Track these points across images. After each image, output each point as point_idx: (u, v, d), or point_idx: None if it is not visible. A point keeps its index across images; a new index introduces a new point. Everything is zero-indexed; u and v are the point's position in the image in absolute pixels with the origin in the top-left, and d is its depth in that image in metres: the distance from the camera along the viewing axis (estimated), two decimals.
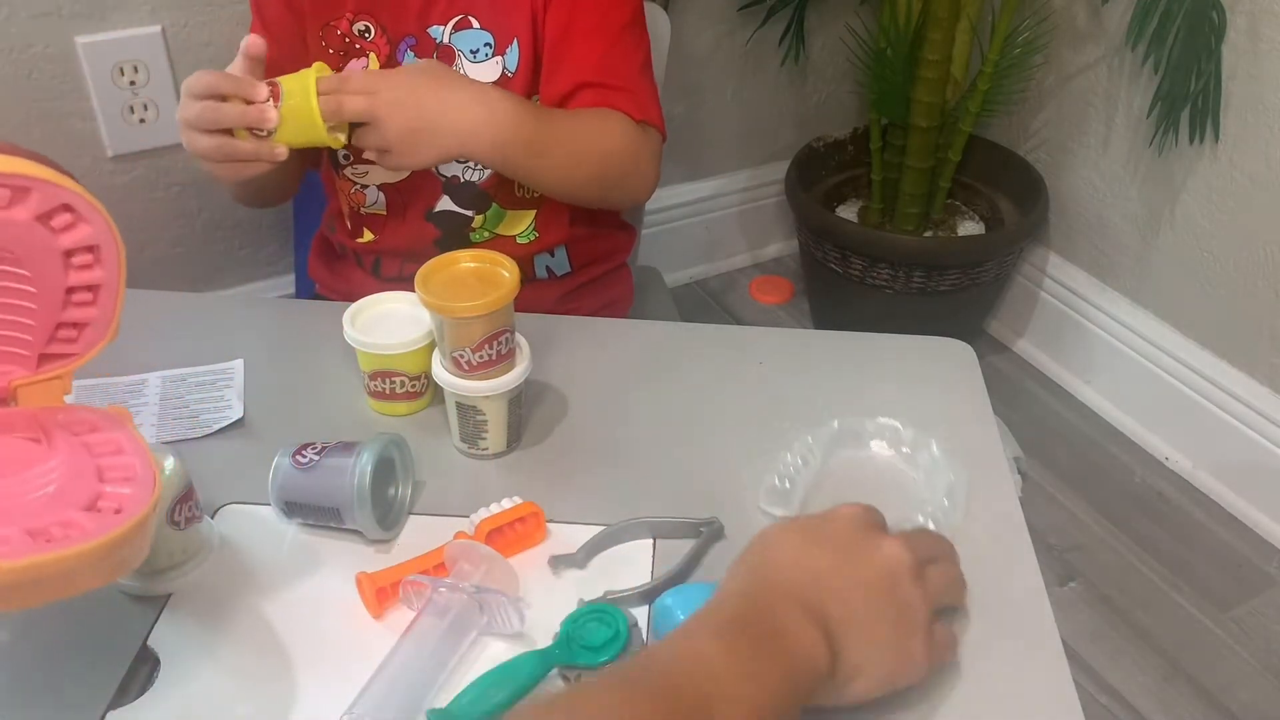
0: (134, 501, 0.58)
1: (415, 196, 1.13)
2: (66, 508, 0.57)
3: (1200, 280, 1.78)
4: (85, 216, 0.61)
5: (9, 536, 0.53)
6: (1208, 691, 1.52)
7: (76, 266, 0.62)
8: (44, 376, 0.65)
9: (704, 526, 0.80)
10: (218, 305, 1.11)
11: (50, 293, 0.62)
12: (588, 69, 1.07)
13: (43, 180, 0.59)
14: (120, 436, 0.63)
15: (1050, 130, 1.99)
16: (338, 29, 1.10)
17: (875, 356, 1.00)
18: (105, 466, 0.61)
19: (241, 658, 0.72)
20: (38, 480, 0.59)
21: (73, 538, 0.55)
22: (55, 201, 0.60)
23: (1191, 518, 1.79)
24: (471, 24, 1.09)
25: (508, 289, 0.82)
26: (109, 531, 0.56)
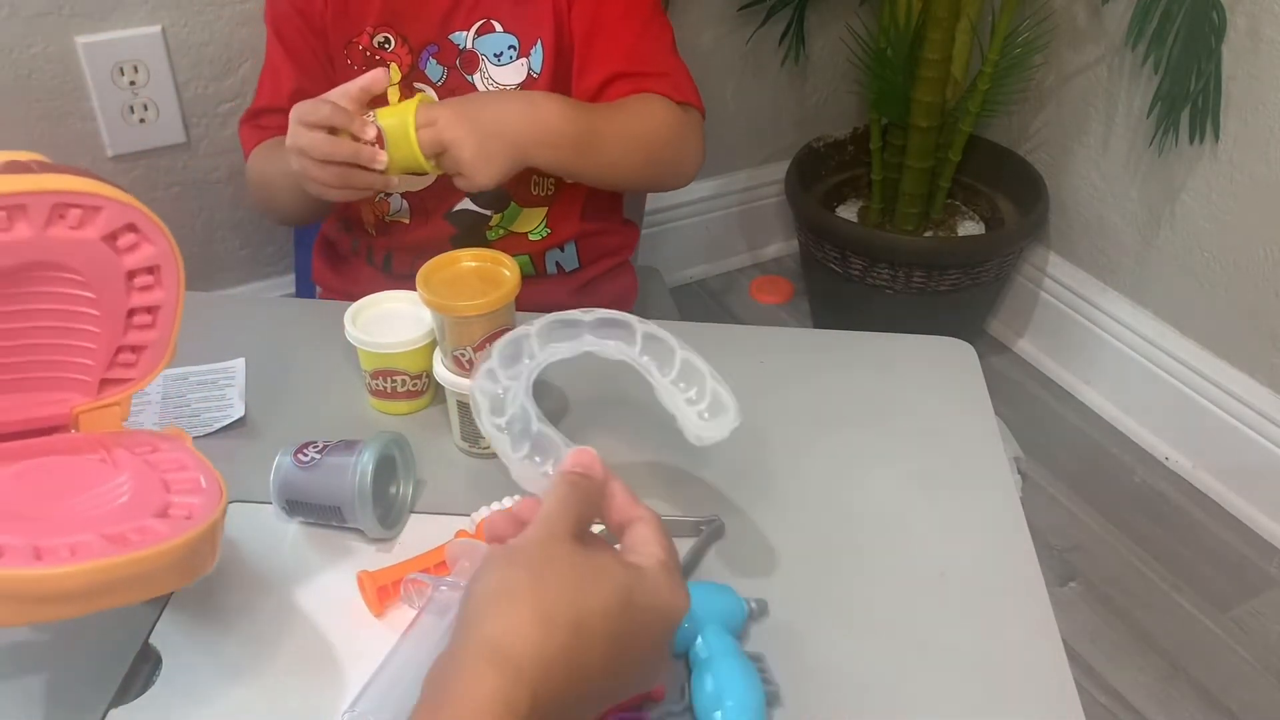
0: (204, 508, 0.60)
1: (438, 200, 1.14)
2: (140, 515, 0.58)
3: (1200, 280, 1.78)
4: (149, 237, 0.62)
5: (88, 542, 0.54)
6: (1208, 691, 1.52)
7: (138, 288, 0.63)
8: (104, 402, 0.66)
9: (704, 525, 0.80)
10: (218, 305, 1.11)
11: (113, 315, 0.63)
12: (620, 59, 1.09)
13: (111, 199, 0.60)
14: (181, 454, 0.64)
15: (1050, 130, 1.99)
16: (359, 44, 1.11)
17: (875, 356, 1.00)
18: (171, 480, 0.62)
19: (242, 656, 0.72)
20: (110, 494, 0.60)
21: (148, 541, 0.56)
22: (122, 221, 0.61)
23: (1191, 518, 1.79)
24: (495, 28, 1.10)
25: (509, 288, 0.82)
26: (183, 534, 0.57)
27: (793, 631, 0.74)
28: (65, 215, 0.58)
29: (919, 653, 0.73)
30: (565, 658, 0.52)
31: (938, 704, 0.70)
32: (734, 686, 0.67)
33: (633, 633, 0.56)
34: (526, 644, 0.52)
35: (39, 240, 0.58)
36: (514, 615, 0.53)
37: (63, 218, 0.58)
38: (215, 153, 1.64)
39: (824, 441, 0.91)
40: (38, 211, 0.57)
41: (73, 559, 0.53)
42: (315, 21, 1.12)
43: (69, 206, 0.58)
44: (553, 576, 0.55)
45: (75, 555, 0.54)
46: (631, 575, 0.57)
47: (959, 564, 0.79)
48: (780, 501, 0.84)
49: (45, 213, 0.57)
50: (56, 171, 0.58)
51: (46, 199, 0.57)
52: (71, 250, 0.59)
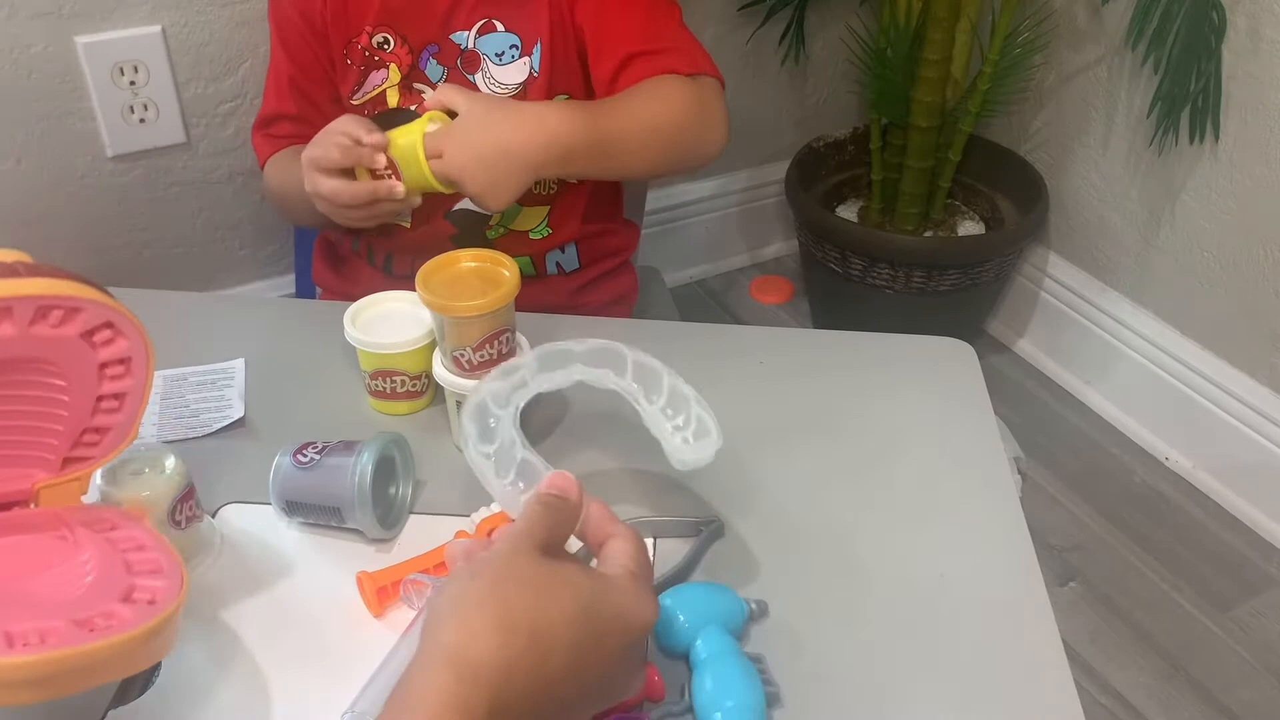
0: (166, 593, 0.62)
1: (437, 200, 1.14)
2: (106, 599, 0.60)
3: (1200, 280, 1.78)
4: (124, 332, 0.65)
5: (58, 628, 0.56)
6: (1208, 691, 1.52)
7: (109, 377, 0.66)
8: (66, 478, 0.67)
9: (704, 526, 0.80)
10: (218, 305, 1.11)
11: (82, 401, 0.65)
12: (633, 40, 1.08)
13: (92, 300, 0.62)
14: (139, 533, 0.66)
15: (1050, 130, 1.99)
16: (359, 43, 1.11)
17: (875, 356, 1.00)
18: (132, 561, 0.64)
19: (242, 657, 0.72)
20: (74, 573, 0.62)
21: (114, 627, 0.58)
22: (100, 319, 0.63)
23: (1191, 518, 1.79)
24: (496, 27, 1.10)
25: (508, 288, 0.82)
26: (148, 621, 0.59)
27: (793, 632, 0.74)
28: (47, 315, 0.61)
29: (919, 653, 0.73)
30: (525, 663, 0.52)
31: (938, 704, 0.70)
32: (734, 687, 0.67)
33: (596, 641, 0.55)
34: (484, 649, 0.52)
35: (22, 337, 0.61)
36: (473, 621, 0.53)
37: (45, 318, 0.61)
38: (215, 153, 1.64)
39: (824, 442, 0.90)
40: (22, 313, 0.60)
41: (43, 646, 0.55)
42: (317, 24, 1.12)
43: (52, 308, 0.61)
44: (513, 585, 0.55)
45: (45, 642, 0.55)
46: (596, 584, 0.57)
47: (959, 564, 0.79)
48: (780, 502, 0.84)
49: (29, 314, 0.60)
50: (41, 275, 0.61)
51: (31, 302, 0.60)
52: (50, 346, 0.62)
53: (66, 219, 1.59)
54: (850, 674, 0.72)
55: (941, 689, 0.71)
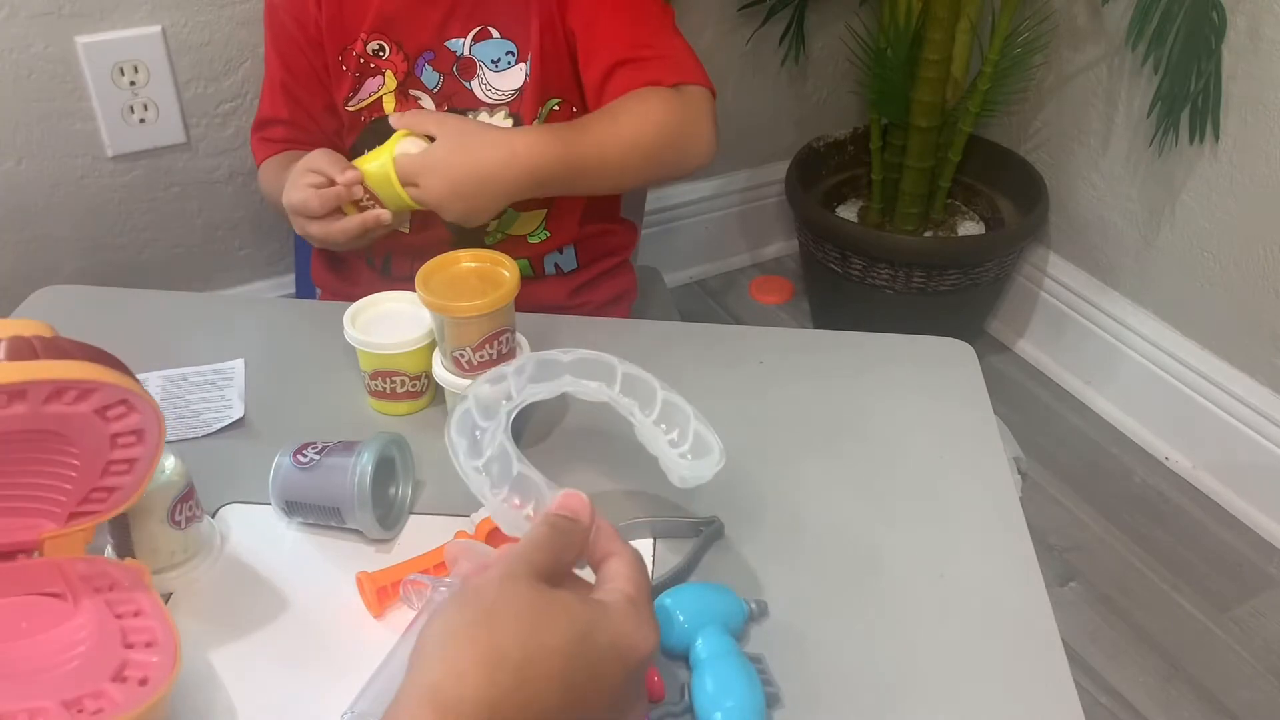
0: (159, 670, 0.62)
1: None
2: (97, 677, 0.60)
3: (1200, 280, 1.78)
4: (136, 407, 0.66)
5: (47, 709, 0.56)
6: (1208, 691, 1.52)
7: (121, 445, 0.66)
8: (71, 530, 0.68)
9: (704, 526, 0.80)
10: (218, 305, 1.11)
11: (92, 465, 0.66)
12: (620, 47, 1.07)
13: (108, 383, 0.63)
14: (139, 596, 0.67)
15: (1050, 130, 1.99)
16: (354, 50, 1.11)
17: (875, 356, 1.00)
18: (128, 628, 0.64)
19: (241, 657, 0.72)
20: (67, 640, 0.63)
21: (105, 710, 0.58)
22: (114, 398, 0.64)
23: (1191, 518, 1.79)
24: (492, 34, 1.09)
25: (508, 289, 0.82)
26: (137, 707, 0.59)
27: (793, 632, 0.74)
28: (62, 395, 0.62)
29: (919, 653, 0.73)
30: (513, 701, 0.50)
31: (938, 704, 0.70)
32: (734, 687, 0.67)
33: (591, 674, 0.53)
34: (469, 687, 0.49)
35: (35, 414, 0.61)
36: (459, 658, 0.50)
37: (59, 397, 0.62)
38: (215, 153, 1.64)
39: (823, 442, 0.90)
40: (36, 394, 0.60)
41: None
42: (311, 31, 1.12)
43: (67, 389, 0.62)
44: (504, 617, 0.52)
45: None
46: (593, 612, 0.54)
47: (959, 564, 0.79)
48: (780, 502, 0.84)
49: (44, 395, 0.61)
50: (57, 355, 0.61)
51: (46, 386, 0.61)
52: (64, 421, 0.63)
53: (66, 219, 1.59)
54: (850, 674, 0.72)
55: (941, 689, 0.71)
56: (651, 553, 0.79)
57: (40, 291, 1.07)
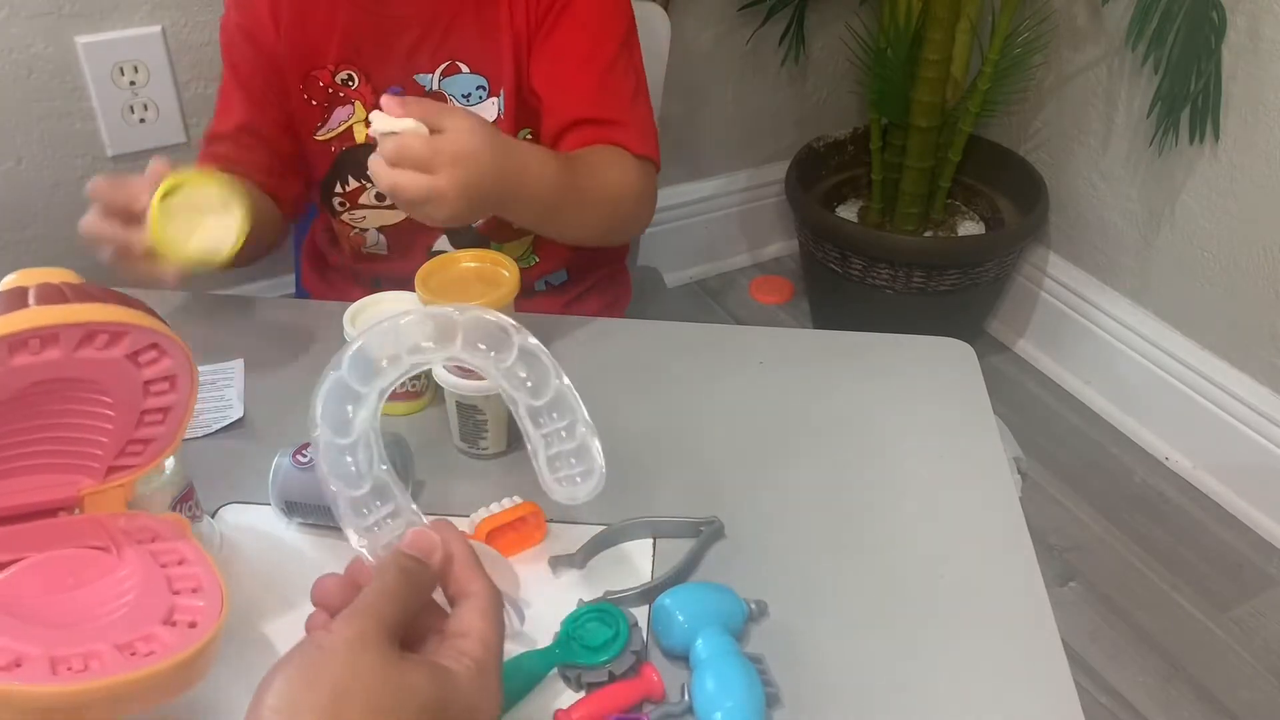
0: (207, 615, 0.62)
1: (416, 237, 1.13)
2: (147, 622, 0.60)
3: (1200, 280, 1.78)
4: (169, 351, 0.66)
5: (101, 652, 0.56)
6: (1208, 691, 1.52)
7: (154, 393, 0.66)
8: (110, 485, 0.68)
9: (704, 526, 0.80)
10: (218, 305, 1.11)
11: (127, 415, 0.66)
12: (584, 104, 1.04)
13: (138, 326, 0.63)
14: (182, 546, 0.66)
15: (1050, 130, 1.99)
16: (319, 80, 1.08)
17: (875, 356, 1.00)
18: (174, 577, 0.64)
19: (241, 658, 0.72)
20: (115, 589, 0.62)
21: (158, 653, 0.58)
22: (145, 342, 0.64)
23: (1191, 518, 1.79)
24: (461, 69, 1.07)
25: (508, 289, 0.82)
26: (190, 647, 0.59)
27: (792, 632, 0.74)
28: (93, 339, 0.62)
29: (919, 653, 0.73)
30: None
31: (937, 704, 0.70)
32: (734, 687, 0.67)
33: None
34: None
35: (68, 360, 0.61)
36: None
37: (90, 342, 0.62)
38: None
39: (823, 442, 0.90)
40: (68, 338, 0.61)
41: (86, 674, 0.55)
42: (267, 50, 1.07)
43: (98, 333, 0.62)
44: (353, 700, 0.48)
45: (89, 670, 0.55)
46: (442, 689, 0.51)
47: (959, 564, 0.79)
48: (779, 502, 0.84)
49: (76, 339, 0.61)
50: (87, 299, 0.62)
51: (78, 329, 0.61)
52: (97, 367, 0.63)
53: (66, 219, 1.59)
54: (850, 674, 0.72)
55: (941, 689, 0.71)
56: (651, 553, 0.79)
57: None
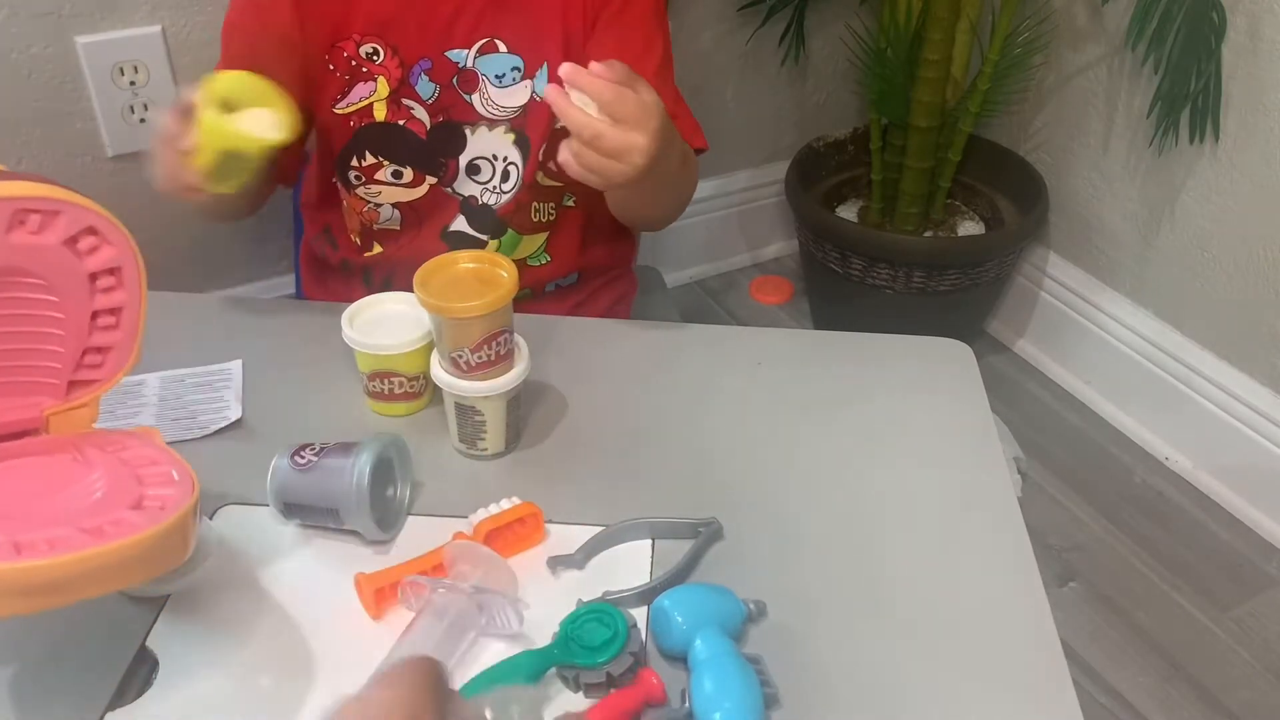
0: (177, 499, 0.61)
1: (432, 213, 1.12)
2: (116, 508, 0.59)
3: (1200, 280, 1.78)
4: (109, 238, 0.63)
5: (65, 535, 0.56)
6: (1208, 691, 1.52)
7: (101, 289, 0.65)
8: (74, 404, 0.67)
9: (703, 527, 0.80)
10: (217, 305, 1.11)
11: (77, 318, 0.64)
12: None
13: (70, 203, 0.62)
14: (152, 450, 0.65)
15: (1050, 130, 1.99)
16: (344, 51, 1.07)
17: (875, 357, 1.00)
18: (144, 474, 0.63)
19: (240, 658, 0.72)
20: (85, 490, 0.62)
21: (124, 532, 0.57)
22: (82, 224, 0.63)
23: (1191, 518, 1.79)
24: (498, 47, 1.07)
25: (506, 289, 0.82)
26: (158, 524, 0.58)
27: (791, 633, 0.74)
28: (25, 221, 0.60)
29: (918, 653, 0.73)
30: None
31: (937, 704, 0.70)
32: (733, 688, 0.67)
33: None
34: None
35: (1, 246, 0.59)
36: None
37: (23, 224, 0.60)
38: None
39: (822, 442, 0.90)
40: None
41: (51, 552, 0.55)
42: (284, 35, 1.05)
43: (28, 212, 0.60)
44: None
45: (54, 548, 0.55)
46: None
47: (959, 564, 0.79)
48: (778, 503, 0.84)
49: (5, 220, 0.59)
50: (13, 178, 0.59)
51: (5, 206, 0.59)
52: (33, 256, 0.61)
53: None
54: (849, 675, 0.72)
55: (941, 689, 0.71)
56: (650, 553, 0.79)
57: None
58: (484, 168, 1.10)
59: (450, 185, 1.11)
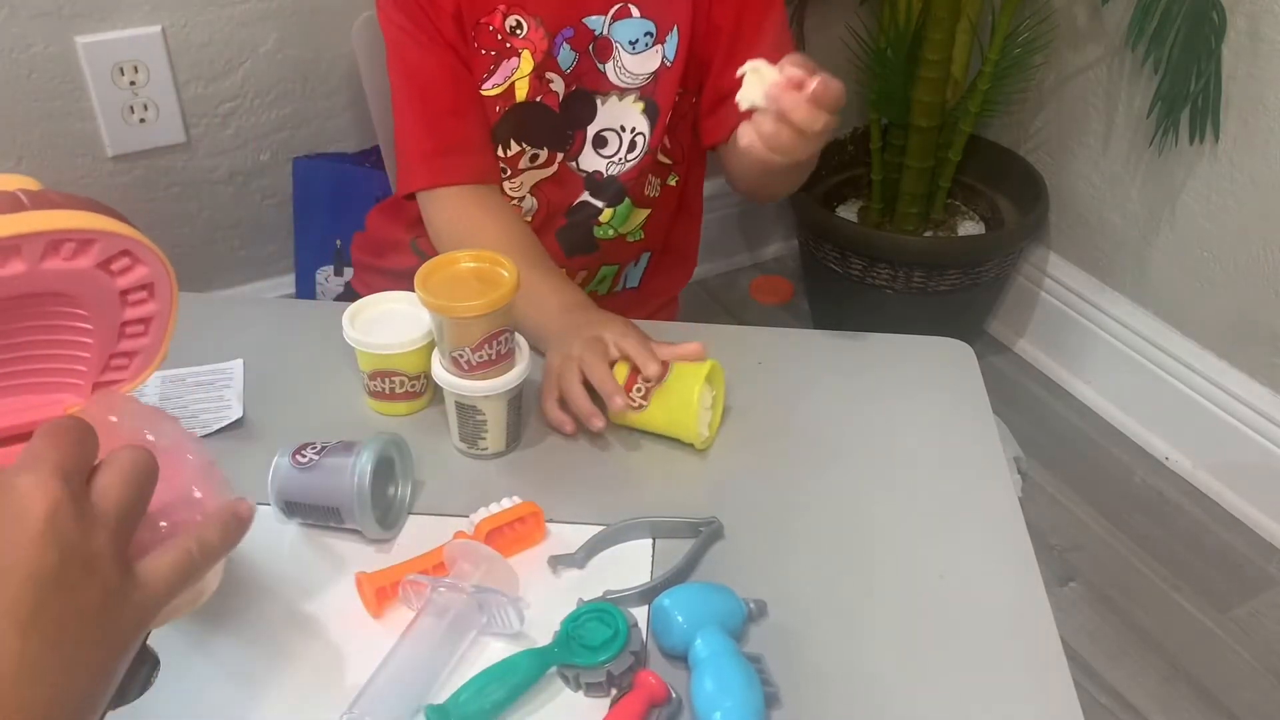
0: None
1: (559, 195, 1.12)
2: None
3: (1200, 280, 1.78)
4: (142, 259, 0.63)
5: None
6: (1208, 691, 1.52)
7: (132, 303, 0.64)
8: None
9: (703, 526, 0.80)
10: (218, 305, 1.11)
11: (106, 329, 0.64)
12: (769, 51, 1.04)
13: (105, 231, 0.60)
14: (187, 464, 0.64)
15: (1050, 130, 1.99)
16: (489, 24, 1.05)
17: (875, 356, 1.00)
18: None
19: (241, 658, 0.72)
20: None
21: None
22: (115, 249, 0.61)
23: (1191, 518, 1.79)
24: (631, 12, 1.06)
25: (507, 289, 0.82)
26: None
27: (792, 632, 0.74)
28: (59, 249, 0.59)
29: (918, 653, 0.73)
30: None
31: (937, 704, 0.70)
32: (733, 687, 0.67)
33: None
34: None
35: (34, 273, 0.58)
36: None
37: (57, 252, 0.59)
38: (215, 153, 1.64)
39: (822, 442, 0.90)
40: (32, 250, 0.57)
41: None
42: (449, 13, 1.04)
43: (63, 242, 0.59)
44: None
45: None
46: None
47: (959, 564, 0.79)
48: (779, 503, 0.84)
49: (40, 250, 0.58)
50: (48, 206, 0.59)
51: (40, 239, 0.58)
52: (67, 279, 0.60)
53: None
54: (849, 674, 0.72)
55: (941, 689, 0.71)
56: (651, 552, 0.79)
57: None
58: (610, 140, 1.10)
59: (575, 160, 1.11)
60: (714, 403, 0.90)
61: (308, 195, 1.71)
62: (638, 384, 0.87)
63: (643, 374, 0.86)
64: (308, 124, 1.68)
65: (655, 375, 0.86)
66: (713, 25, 1.07)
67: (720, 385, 0.91)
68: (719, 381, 0.91)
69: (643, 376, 0.86)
